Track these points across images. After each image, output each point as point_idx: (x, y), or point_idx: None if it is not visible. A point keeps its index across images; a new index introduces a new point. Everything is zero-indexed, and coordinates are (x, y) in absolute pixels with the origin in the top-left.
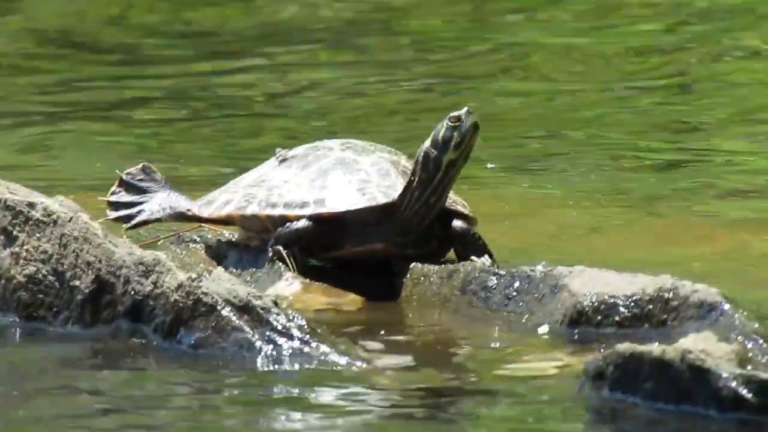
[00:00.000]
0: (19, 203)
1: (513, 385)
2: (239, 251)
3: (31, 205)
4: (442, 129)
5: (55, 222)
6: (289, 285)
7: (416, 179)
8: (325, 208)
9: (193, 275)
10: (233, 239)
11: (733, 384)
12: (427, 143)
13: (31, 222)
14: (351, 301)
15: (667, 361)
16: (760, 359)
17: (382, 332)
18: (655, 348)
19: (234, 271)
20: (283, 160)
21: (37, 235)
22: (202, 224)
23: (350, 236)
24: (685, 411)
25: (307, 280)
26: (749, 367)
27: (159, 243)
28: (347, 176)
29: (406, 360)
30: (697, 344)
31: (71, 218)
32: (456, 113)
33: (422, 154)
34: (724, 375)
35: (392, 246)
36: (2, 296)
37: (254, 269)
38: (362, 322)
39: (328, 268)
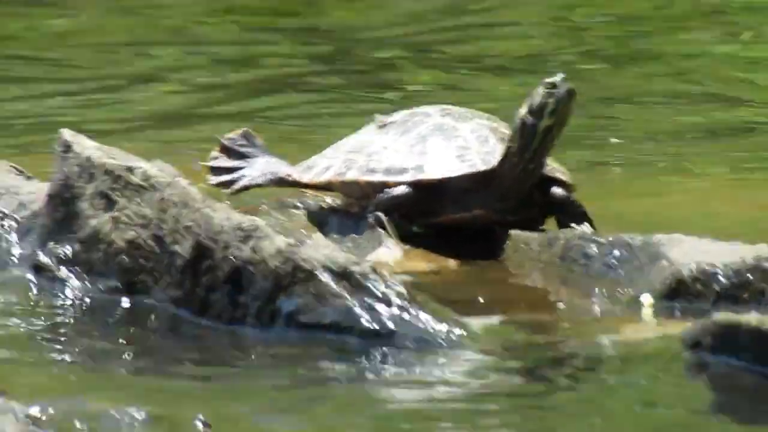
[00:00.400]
0: (117, 168)
1: (614, 350)
2: (340, 217)
3: (130, 170)
4: (537, 95)
5: (153, 186)
6: (389, 251)
7: (514, 146)
8: (424, 174)
9: (292, 241)
10: (335, 205)
11: None
12: (524, 110)
13: (130, 186)
14: (451, 266)
15: (764, 331)
16: None
17: (482, 298)
18: (752, 317)
19: (335, 237)
20: (382, 126)
21: (137, 199)
22: (303, 190)
23: (449, 203)
24: None
25: (407, 246)
26: None
27: (260, 208)
28: (446, 142)
29: (507, 325)
30: None
31: (170, 183)
32: (551, 79)
33: (519, 120)
34: None
35: (492, 212)
36: (104, 261)
37: (355, 235)
38: (463, 287)
39: (428, 234)
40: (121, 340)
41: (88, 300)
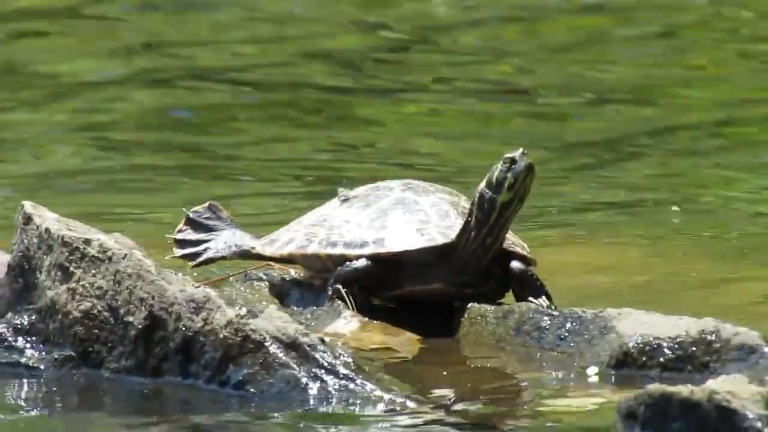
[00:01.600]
0: (75, 240)
1: (552, 421)
2: (302, 289)
3: (87, 242)
4: (496, 170)
5: (110, 258)
6: (347, 323)
7: (473, 220)
8: (384, 248)
9: (242, 312)
10: (297, 277)
11: (759, 424)
12: (483, 184)
13: (87, 258)
14: (407, 339)
15: (694, 402)
16: None
17: (434, 370)
18: (683, 389)
19: (295, 309)
20: (345, 200)
21: (93, 271)
22: (269, 263)
23: (409, 276)
24: None
25: (365, 319)
26: None
27: (226, 280)
28: (407, 216)
29: (453, 397)
30: (725, 385)
31: (125, 255)
32: (510, 154)
33: (478, 194)
34: (750, 416)
35: (450, 286)
36: (59, 331)
37: (315, 307)
38: (416, 360)
39: (387, 307)
40: (73, 409)
41: (42, 369)
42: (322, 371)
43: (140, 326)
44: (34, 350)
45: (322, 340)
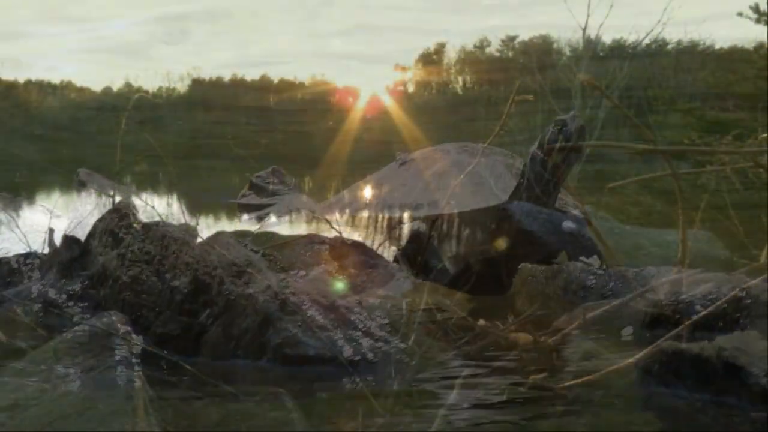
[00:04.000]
0: (124, 206)
1: (582, 379)
2: (359, 251)
3: (135, 208)
4: (548, 132)
5: (156, 224)
6: (400, 284)
7: (525, 181)
8: (438, 209)
9: (282, 276)
10: (357, 239)
11: (765, 380)
12: (535, 146)
13: (135, 224)
14: (459, 299)
15: (704, 358)
16: None
17: (479, 328)
18: (695, 346)
19: (353, 271)
20: (403, 164)
21: (141, 237)
22: (330, 225)
23: (463, 236)
24: (721, 403)
25: (419, 280)
26: None
27: (290, 244)
28: (462, 179)
29: (494, 355)
30: (734, 342)
31: (171, 221)
32: (562, 117)
33: (530, 156)
34: (755, 371)
35: (504, 245)
36: (110, 297)
37: (370, 270)
38: (465, 318)
39: (441, 268)
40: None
41: (91, 335)
42: (358, 333)
43: (185, 290)
44: (84, 316)
45: (360, 303)
